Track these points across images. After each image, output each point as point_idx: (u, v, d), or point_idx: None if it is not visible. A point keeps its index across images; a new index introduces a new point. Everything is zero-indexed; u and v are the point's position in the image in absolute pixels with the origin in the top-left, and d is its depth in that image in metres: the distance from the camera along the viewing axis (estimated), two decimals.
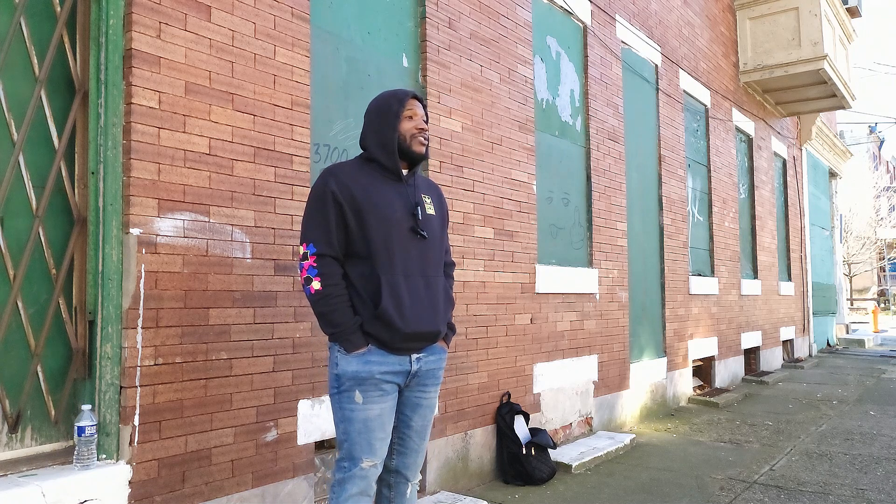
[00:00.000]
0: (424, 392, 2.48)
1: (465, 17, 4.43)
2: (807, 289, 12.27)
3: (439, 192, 2.65)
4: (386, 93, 2.50)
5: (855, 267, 34.22)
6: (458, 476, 4.11)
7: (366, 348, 2.32)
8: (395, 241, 2.35)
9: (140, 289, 2.60)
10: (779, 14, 9.46)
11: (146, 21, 2.67)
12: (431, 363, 2.47)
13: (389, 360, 2.34)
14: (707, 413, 6.77)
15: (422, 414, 2.48)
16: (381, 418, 2.33)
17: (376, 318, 2.31)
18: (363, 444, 2.30)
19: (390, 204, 2.37)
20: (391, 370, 2.34)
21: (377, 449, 2.33)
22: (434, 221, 2.50)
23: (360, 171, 2.42)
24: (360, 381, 2.31)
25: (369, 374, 2.30)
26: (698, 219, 8.04)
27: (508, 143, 4.73)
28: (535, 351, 4.88)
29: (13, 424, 2.42)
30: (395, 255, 2.35)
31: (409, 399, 2.46)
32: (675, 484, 4.27)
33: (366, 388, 2.31)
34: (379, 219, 2.34)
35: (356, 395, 2.31)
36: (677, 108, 7.53)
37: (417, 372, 2.42)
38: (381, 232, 2.34)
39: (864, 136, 33.52)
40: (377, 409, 2.32)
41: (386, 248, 2.34)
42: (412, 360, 2.39)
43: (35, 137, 2.55)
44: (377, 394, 2.32)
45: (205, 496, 2.77)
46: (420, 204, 2.44)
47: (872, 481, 4.31)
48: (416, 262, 2.39)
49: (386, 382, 2.34)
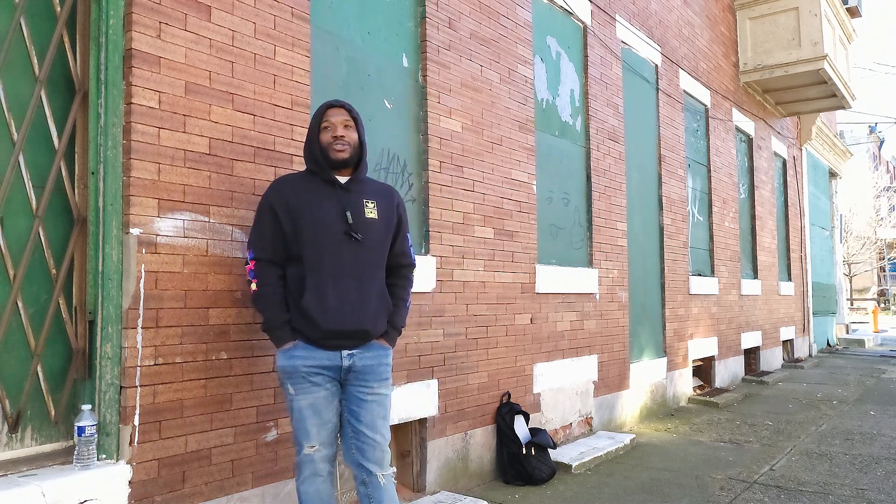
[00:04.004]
0: (367, 387, 2.59)
1: (465, 17, 4.43)
2: (807, 289, 12.27)
3: (392, 196, 2.76)
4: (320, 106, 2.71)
5: (855, 267, 34.22)
6: (458, 476, 4.11)
7: (292, 343, 2.52)
8: (325, 243, 2.52)
9: (140, 289, 2.60)
10: (779, 14, 9.46)
11: (146, 21, 2.67)
12: (368, 359, 2.60)
13: (317, 354, 2.52)
14: (707, 413, 6.77)
15: (368, 409, 2.58)
16: (313, 407, 2.52)
17: (301, 315, 2.50)
18: (301, 431, 2.53)
19: (322, 209, 2.55)
20: (318, 364, 2.52)
21: (313, 434, 2.52)
22: (375, 225, 2.62)
23: (302, 180, 2.64)
24: (289, 375, 2.53)
25: (294, 368, 2.51)
26: (698, 219, 8.04)
27: (508, 143, 4.73)
28: (535, 351, 4.88)
29: (13, 424, 2.42)
30: (324, 258, 2.52)
31: (353, 395, 2.59)
32: (675, 484, 4.27)
33: (295, 381, 2.52)
34: (310, 223, 2.52)
35: (289, 386, 2.53)
36: (677, 108, 7.53)
37: (352, 367, 2.56)
38: (312, 236, 2.52)
39: (864, 136, 33.52)
40: (309, 398, 2.51)
41: (317, 252, 2.52)
42: (342, 356, 2.54)
43: (35, 137, 2.55)
44: (305, 385, 2.51)
45: (205, 496, 2.77)
46: (353, 208, 2.58)
47: (872, 481, 4.31)
48: (348, 263, 2.54)
49: (314, 375, 2.52)
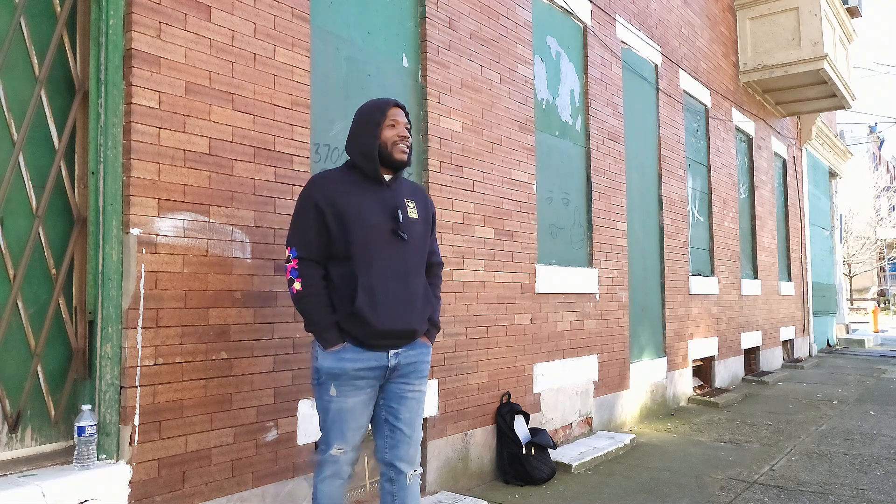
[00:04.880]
0: (409, 385, 2.60)
1: (465, 17, 4.43)
2: (807, 289, 12.27)
3: (425, 196, 2.77)
4: (370, 102, 2.66)
5: (855, 267, 34.22)
6: (458, 476, 4.11)
7: (341, 346, 2.47)
8: (374, 243, 2.49)
9: (140, 289, 2.60)
10: (779, 14, 9.46)
11: (146, 21, 2.67)
12: (412, 357, 2.59)
13: (364, 356, 2.48)
14: (707, 413, 6.77)
15: (408, 406, 2.60)
16: (353, 410, 2.49)
17: (352, 316, 2.45)
18: (336, 433, 2.50)
19: (371, 208, 2.51)
20: (366, 366, 2.48)
21: (349, 438, 2.50)
22: (416, 225, 2.62)
23: (344, 177, 2.58)
24: (335, 377, 2.47)
25: (342, 370, 2.46)
26: (698, 219, 8.04)
27: (508, 143, 4.73)
28: (535, 351, 4.88)
29: (13, 424, 2.42)
30: (373, 257, 2.48)
31: (394, 391, 2.58)
32: (675, 484, 4.27)
33: (340, 383, 2.47)
34: (359, 223, 2.48)
35: (331, 388, 2.48)
36: (677, 108, 7.53)
37: (397, 366, 2.55)
38: (361, 235, 2.48)
39: (864, 136, 33.53)
40: (351, 402, 2.48)
41: (365, 251, 2.48)
42: (389, 356, 2.52)
43: (35, 137, 2.55)
44: (350, 388, 2.48)
45: (205, 496, 2.77)
46: (401, 208, 2.57)
47: (872, 481, 4.31)
48: (395, 263, 2.52)
49: (360, 378, 2.48)
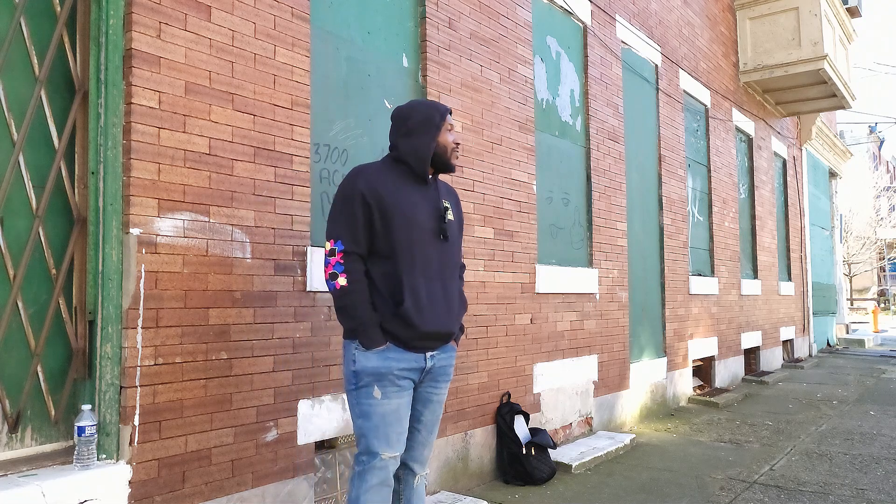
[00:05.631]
0: (436, 388, 2.60)
1: (465, 17, 4.43)
2: (807, 289, 12.27)
3: (457, 197, 2.76)
4: (425, 102, 2.60)
5: (855, 267, 34.21)
6: (458, 476, 4.11)
7: (385, 345, 2.41)
8: (418, 243, 2.45)
9: (140, 289, 2.60)
10: (779, 14, 9.46)
11: (146, 21, 2.67)
12: (443, 360, 2.58)
13: (406, 357, 2.45)
14: (707, 413, 6.77)
15: (432, 409, 2.60)
16: (397, 413, 2.43)
17: (396, 317, 2.41)
18: (381, 438, 2.40)
19: (416, 207, 2.48)
20: (408, 367, 2.45)
21: (394, 442, 2.43)
22: (453, 226, 2.61)
23: (388, 172, 2.52)
24: (380, 378, 2.41)
25: (388, 369, 2.41)
26: (698, 219, 8.04)
27: (508, 143, 4.73)
28: (535, 351, 4.88)
29: (13, 424, 2.42)
30: (416, 257, 2.45)
31: (421, 394, 2.57)
32: (675, 484, 4.27)
33: (384, 384, 2.41)
34: (405, 221, 2.44)
35: (375, 390, 2.41)
36: (677, 108, 7.53)
37: (431, 369, 2.54)
38: (406, 233, 2.43)
39: (864, 136, 33.52)
40: (395, 403, 2.43)
41: (409, 250, 2.44)
42: (427, 358, 2.50)
43: (35, 137, 2.55)
44: (394, 389, 2.42)
45: (205, 496, 2.77)
46: (445, 209, 2.56)
47: (872, 481, 4.31)
48: (436, 264, 2.50)
49: (403, 378, 2.45)
